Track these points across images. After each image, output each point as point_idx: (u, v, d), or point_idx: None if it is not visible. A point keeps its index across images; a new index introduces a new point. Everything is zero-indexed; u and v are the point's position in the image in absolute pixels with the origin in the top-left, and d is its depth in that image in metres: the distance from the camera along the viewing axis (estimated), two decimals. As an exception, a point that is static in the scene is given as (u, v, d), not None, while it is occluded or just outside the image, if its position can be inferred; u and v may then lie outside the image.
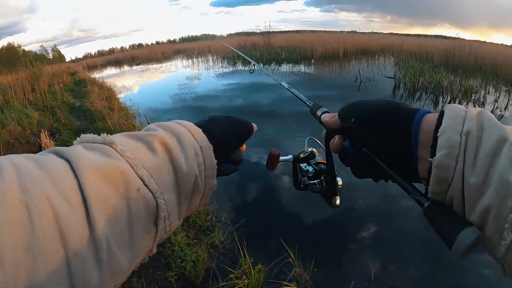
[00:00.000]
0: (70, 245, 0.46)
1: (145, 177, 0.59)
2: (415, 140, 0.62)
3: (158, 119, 10.34)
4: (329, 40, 28.35)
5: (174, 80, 19.63)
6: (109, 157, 0.57)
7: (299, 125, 9.45)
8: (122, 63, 36.23)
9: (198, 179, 0.70)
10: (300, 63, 23.33)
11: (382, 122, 0.68)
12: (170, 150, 0.66)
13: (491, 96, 14.03)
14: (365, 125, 0.71)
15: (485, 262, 4.13)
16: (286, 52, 25.87)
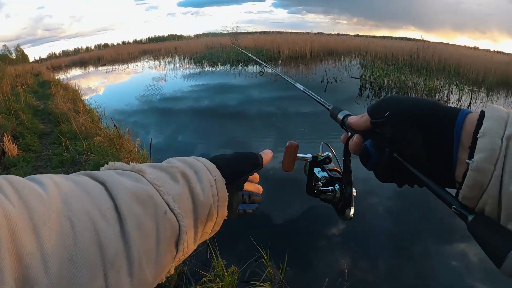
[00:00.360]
0: (107, 257, 0.49)
1: (170, 202, 0.62)
2: (457, 141, 0.56)
3: (124, 121, 10.12)
4: (296, 41, 28.58)
5: (141, 81, 19.34)
6: (139, 182, 0.61)
7: (265, 126, 9.45)
8: (88, 64, 35.67)
9: (213, 208, 0.72)
10: (267, 64, 23.07)
11: (421, 117, 0.62)
12: (189, 180, 0.69)
13: (454, 95, 14.45)
14: (402, 120, 0.64)
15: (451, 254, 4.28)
16: (253, 53, 25.75)
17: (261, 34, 45.27)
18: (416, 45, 24.44)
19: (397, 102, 0.67)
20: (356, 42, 33.58)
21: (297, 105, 12.08)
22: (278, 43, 27.98)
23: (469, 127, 0.55)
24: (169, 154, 7.73)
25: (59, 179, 0.52)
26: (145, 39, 62.70)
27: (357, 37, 47.27)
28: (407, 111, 0.63)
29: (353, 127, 0.78)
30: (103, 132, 7.62)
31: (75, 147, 6.95)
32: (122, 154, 6.22)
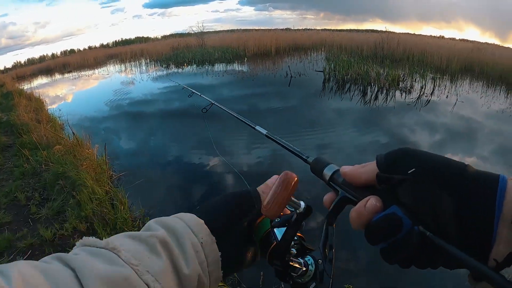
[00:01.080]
0: None
1: (150, 282, 0.56)
2: (499, 212, 0.45)
3: (93, 128, 10.04)
4: (262, 38, 28.58)
5: (109, 86, 19.02)
6: (113, 264, 0.56)
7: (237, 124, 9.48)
8: (53, 71, 34.90)
9: (202, 277, 0.66)
10: (233, 62, 23.35)
11: (455, 180, 0.50)
12: (171, 251, 0.63)
13: (418, 83, 14.57)
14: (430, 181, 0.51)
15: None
16: (219, 52, 25.79)
17: (227, 33, 45.21)
18: (381, 36, 24.65)
19: (424, 158, 0.55)
20: (323, 36, 33.71)
21: (264, 101, 12.11)
22: (244, 41, 28.01)
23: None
24: (141, 159, 7.74)
25: (27, 269, 0.49)
26: (112, 43, 61.69)
27: (324, 31, 47.35)
28: (437, 170, 0.52)
29: (347, 179, 0.63)
30: (63, 140, 7.54)
31: (36, 158, 6.86)
32: (81, 161, 6.16)
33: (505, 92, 14.57)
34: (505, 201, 0.45)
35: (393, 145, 7.97)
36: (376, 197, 0.55)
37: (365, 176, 0.59)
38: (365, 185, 0.60)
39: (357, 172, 0.61)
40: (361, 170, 0.60)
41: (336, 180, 0.66)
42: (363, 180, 0.60)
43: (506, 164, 7.31)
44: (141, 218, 5.04)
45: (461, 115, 10.61)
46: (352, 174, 0.61)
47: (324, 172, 0.69)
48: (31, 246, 4.34)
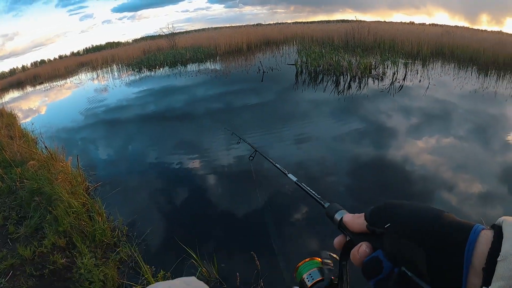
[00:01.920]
0: None
1: None
2: (467, 263, 0.49)
3: (71, 140, 9.90)
4: (233, 35, 28.51)
5: (83, 95, 18.65)
6: None
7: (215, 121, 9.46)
8: (25, 84, 34.30)
9: None
10: (206, 62, 23.29)
11: (426, 232, 0.55)
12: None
13: (390, 69, 14.78)
14: (401, 235, 0.58)
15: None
16: (191, 52, 25.68)
17: (198, 32, 45.13)
18: (351, 26, 24.82)
19: (398, 212, 0.61)
20: (294, 29, 33.89)
21: (239, 98, 12.12)
22: (215, 39, 27.92)
23: (483, 246, 0.49)
24: (120, 167, 7.65)
25: None
26: (82, 50, 60.96)
27: (295, 24, 47.59)
28: (409, 224, 0.58)
29: (347, 226, 0.73)
30: (37, 155, 7.42)
31: (10, 176, 6.74)
32: (55, 175, 6.08)
33: (477, 72, 14.89)
34: (475, 252, 0.49)
35: (369, 132, 8.08)
36: (366, 243, 0.65)
37: (359, 226, 0.69)
38: (361, 231, 0.69)
39: (354, 222, 0.70)
40: (357, 220, 0.70)
41: (343, 225, 0.75)
42: (358, 229, 0.69)
43: (481, 141, 7.44)
44: (119, 227, 5.00)
45: (435, 97, 10.78)
46: (351, 223, 0.71)
47: (335, 217, 0.79)
48: (12, 267, 4.27)
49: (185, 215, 5.53)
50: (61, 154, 7.41)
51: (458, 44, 19.37)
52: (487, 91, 11.52)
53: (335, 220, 0.78)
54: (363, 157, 6.91)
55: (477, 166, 6.38)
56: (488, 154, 6.96)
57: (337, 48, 19.95)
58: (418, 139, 7.65)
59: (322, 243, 4.29)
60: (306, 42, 25.16)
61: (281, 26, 40.84)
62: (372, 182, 6.04)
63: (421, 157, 6.81)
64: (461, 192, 5.50)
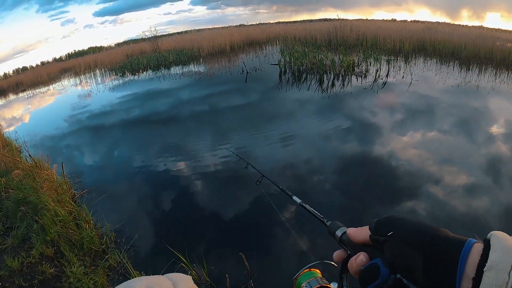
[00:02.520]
0: None
1: None
2: (461, 271, 0.53)
3: (54, 147, 9.82)
4: (216, 36, 28.49)
5: (66, 102, 18.35)
6: None
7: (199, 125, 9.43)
8: (7, 92, 33.86)
9: None
10: (189, 64, 23.21)
11: (426, 242, 0.59)
12: None
13: (373, 67, 14.88)
14: (404, 242, 0.62)
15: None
16: (174, 55, 25.60)
17: (180, 34, 44.92)
18: (334, 24, 24.92)
19: (401, 223, 0.66)
20: (277, 29, 33.99)
21: (223, 100, 12.11)
22: (198, 41, 27.83)
23: (474, 257, 0.53)
24: (106, 173, 7.59)
25: None
26: (65, 56, 60.33)
27: (278, 24, 47.66)
28: (411, 234, 0.62)
29: (351, 238, 0.76)
30: (21, 164, 7.35)
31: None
32: (40, 184, 6.03)
33: (459, 67, 15.13)
34: (467, 262, 0.53)
35: (355, 129, 8.14)
36: (363, 253, 0.69)
37: (362, 236, 0.72)
38: (363, 243, 0.72)
39: (358, 233, 0.74)
40: (360, 232, 0.73)
41: (344, 241, 0.80)
42: (361, 239, 0.73)
43: (466, 134, 7.54)
44: (107, 234, 4.97)
45: (418, 93, 10.91)
46: (354, 235, 0.75)
47: (336, 234, 0.83)
48: (0, 279, 4.22)
49: (173, 220, 5.51)
50: (46, 162, 7.32)
51: (439, 40, 19.64)
52: (469, 85, 11.70)
53: (336, 236, 0.83)
54: (348, 155, 6.98)
55: (463, 159, 6.48)
56: (473, 147, 7.08)
57: (320, 47, 19.99)
58: (403, 135, 7.73)
59: (318, 249, 4.34)
60: (289, 42, 25.21)
61: (264, 26, 40.91)
62: (359, 180, 6.11)
63: (407, 152, 6.90)
64: (449, 185, 5.60)
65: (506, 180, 5.71)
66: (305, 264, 1.11)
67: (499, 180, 5.72)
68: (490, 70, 14.22)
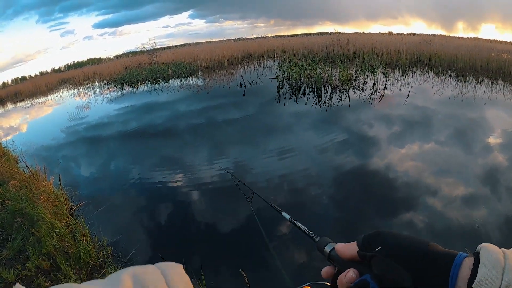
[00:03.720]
0: None
1: None
2: (452, 286, 0.53)
3: (51, 158, 9.79)
4: (214, 50, 28.59)
5: (64, 113, 18.37)
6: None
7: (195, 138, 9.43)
8: (5, 101, 33.79)
9: None
10: (187, 77, 23.31)
11: (415, 257, 0.59)
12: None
13: (370, 80, 14.96)
14: (394, 258, 0.61)
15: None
16: (172, 68, 25.69)
17: (179, 47, 45.08)
18: (331, 38, 25.08)
19: (389, 238, 0.65)
20: (274, 43, 34.17)
21: (221, 113, 12.12)
22: (196, 55, 27.98)
23: (466, 271, 0.52)
24: (103, 186, 7.55)
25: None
26: (64, 67, 60.35)
27: (276, 38, 47.87)
28: (399, 249, 0.62)
29: (339, 254, 0.75)
30: (18, 174, 7.32)
31: (-9, 197, 6.65)
32: (37, 195, 6.00)
33: (455, 79, 15.27)
34: (458, 277, 0.52)
35: (352, 142, 8.15)
36: (353, 270, 0.68)
37: (350, 252, 0.71)
38: (351, 258, 0.71)
39: (346, 249, 0.73)
40: (348, 247, 0.72)
41: (333, 257, 0.79)
42: (349, 255, 0.72)
43: (463, 145, 7.58)
44: (104, 248, 4.92)
45: (415, 105, 10.96)
46: (342, 251, 0.74)
47: (325, 250, 0.82)
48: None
49: (170, 234, 5.48)
50: (43, 173, 7.30)
51: (436, 52, 19.88)
52: (466, 96, 11.81)
53: (325, 253, 0.82)
54: (343, 169, 6.97)
55: (460, 170, 6.52)
56: (470, 157, 7.12)
57: (317, 61, 20.12)
58: (401, 147, 7.76)
59: (312, 265, 4.33)
60: (286, 56, 25.29)
61: (262, 40, 41.07)
62: (353, 194, 6.12)
63: (405, 164, 6.91)
64: (445, 197, 5.61)
65: (503, 190, 5.73)
66: (299, 284, 1.11)
67: (496, 191, 5.75)
68: (486, 81, 14.38)
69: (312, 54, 23.93)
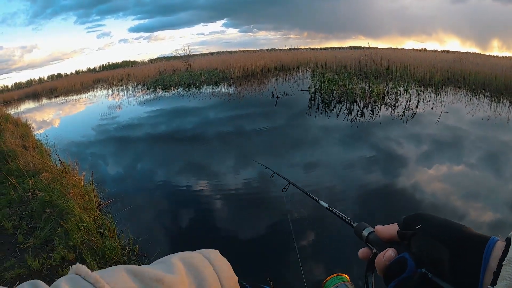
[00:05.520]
0: None
1: None
2: (485, 264, 0.55)
3: (80, 154, 9.98)
4: (247, 59, 28.78)
5: (96, 111, 18.94)
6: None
7: (223, 146, 9.47)
8: (41, 96, 34.44)
9: None
10: (220, 84, 23.51)
11: (452, 237, 0.61)
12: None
13: (403, 97, 14.77)
14: (432, 235, 0.63)
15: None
16: (205, 75, 25.99)
17: (213, 55, 45.47)
18: (364, 53, 24.95)
19: (430, 218, 0.68)
20: (307, 55, 34.16)
21: (252, 122, 12.14)
22: (230, 63, 28.20)
23: (498, 252, 0.54)
24: (132, 185, 7.62)
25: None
26: (99, 67, 61.52)
27: (308, 50, 47.92)
28: (438, 228, 0.64)
29: (379, 234, 0.77)
30: (50, 167, 7.46)
31: (23, 186, 6.77)
32: (68, 189, 6.10)
33: (489, 99, 14.96)
34: (491, 256, 0.54)
35: (381, 159, 8.04)
36: (392, 249, 0.69)
37: (390, 232, 0.73)
38: (390, 239, 0.73)
39: (386, 229, 0.74)
40: (388, 228, 0.74)
41: (370, 239, 0.82)
42: (388, 235, 0.73)
43: (495, 169, 7.41)
44: (130, 246, 4.95)
45: (447, 125, 10.76)
46: (382, 231, 0.75)
47: (363, 234, 0.84)
48: (19, 277, 4.24)
49: (197, 239, 5.45)
50: (74, 168, 7.44)
51: (470, 71, 19.51)
52: (500, 117, 11.52)
53: (363, 236, 0.84)
54: (374, 185, 6.86)
55: (490, 194, 6.34)
56: (501, 182, 6.92)
57: (350, 75, 20.02)
58: (431, 167, 7.59)
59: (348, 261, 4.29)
60: (319, 68, 25.24)
61: (295, 51, 41.09)
62: (382, 207, 6.02)
63: (434, 184, 6.76)
64: (473, 221, 5.45)
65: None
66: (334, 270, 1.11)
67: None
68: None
69: (345, 68, 23.83)
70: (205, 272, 0.57)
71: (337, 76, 19.04)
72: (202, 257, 0.62)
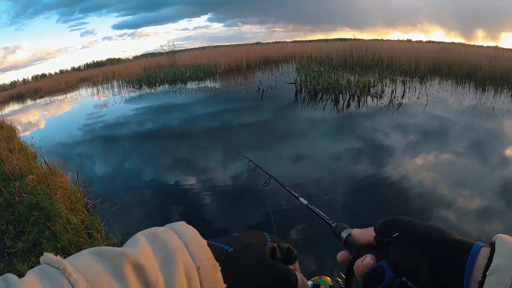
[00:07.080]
0: None
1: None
2: (469, 274, 0.52)
3: (67, 155, 9.87)
4: (232, 53, 28.77)
5: (81, 111, 18.72)
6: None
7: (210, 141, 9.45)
8: (25, 97, 34.06)
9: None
10: (205, 80, 23.43)
11: (432, 244, 0.59)
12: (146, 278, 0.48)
13: (388, 87, 14.84)
14: (411, 244, 0.61)
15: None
16: (191, 70, 25.87)
17: (197, 50, 45.36)
18: (349, 44, 25.05)
19: (407, 224, 0.65)
20: (293, 48, 34.15)
21: (238, 117, 12.12)
22: (215, 58, 28.14)
23: (482, 260, 0.52)
24: (119, 184, 7.58)
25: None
26: (83, 66, 61.07)
27: (294, 43, 47.99)
28: (417, 235, 0.61)
29: (355, 239, 0.74)
30: (36, 169, 7.40)
31: (9, 189, 6.69)
32: (54, 190, 6.06)
33: (474, 88, 15.08)
34: (475, 265, 0.52)
35: (367, 150, 8.07)
36: (371, 255, 0.67)
37: (367, 237, 0.71)
38: (368, 244, 0.71)
39: (362, 234, 0.72)
40: (365, 232, 0.72)
41: (349, 242, 0.78)
42: (365, 241, 0.71)
43: (480, 157, 7.48)
44: (118, 245, 4.90)
45: (433, 114, 10.83)
46: (359, 236, 0.73)
47: (341, 235, 0.81)
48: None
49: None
50: (60, 169, 7.38)
51: (455, 61, 19.72)
52: (485, 106, 11.64)
53: (341, 238, 0.81)
54: (361, 176, 6.90)
55: (477, 182, 6.40)
56: (487, 170, 6.99)
57: (335, 67, 20.07)
58: (417, 157, 7.65)
59: (332, 262, 4.29)
60: (305, 61, 25.28)
61: (280, 44, 41.14)
62: (370, 198, 6.05)
63: (421, 174, 6.81)
64: (461, 209, 5.50)
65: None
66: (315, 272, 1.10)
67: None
68: (506, 91, 14.14)
69: (330, 60, 23.89)
70: (168, 241, 0.54)
71: (322, 68, 19.13)
72: (166, 228, 0.59)
